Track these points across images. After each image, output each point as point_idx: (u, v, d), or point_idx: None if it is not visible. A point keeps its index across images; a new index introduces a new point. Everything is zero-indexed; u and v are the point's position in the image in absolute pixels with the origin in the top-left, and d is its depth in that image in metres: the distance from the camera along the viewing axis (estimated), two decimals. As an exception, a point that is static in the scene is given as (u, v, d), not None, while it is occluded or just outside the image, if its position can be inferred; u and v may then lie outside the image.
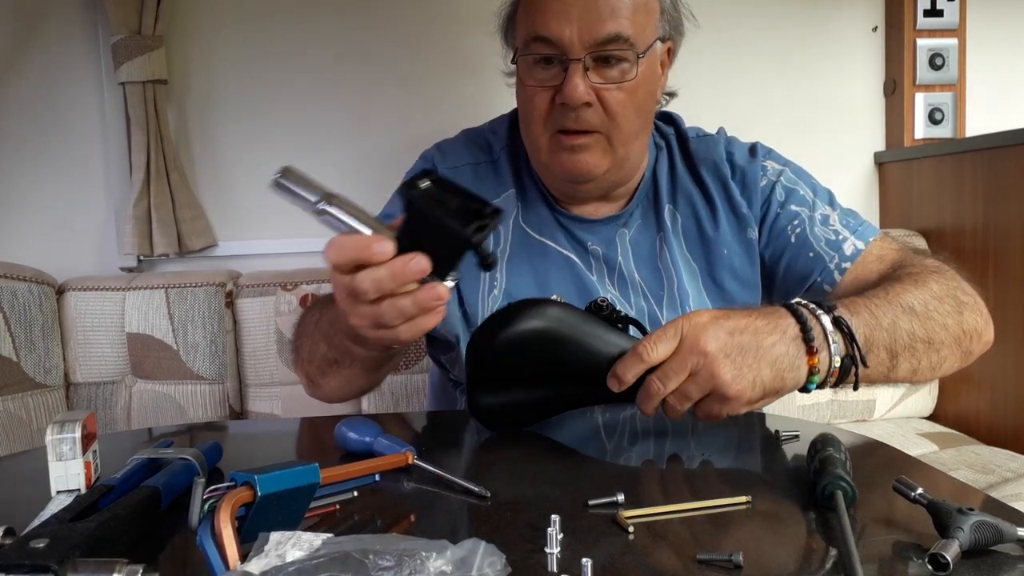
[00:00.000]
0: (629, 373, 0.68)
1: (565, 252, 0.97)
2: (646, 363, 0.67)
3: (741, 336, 0.67)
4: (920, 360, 0.78)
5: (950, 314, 0.81)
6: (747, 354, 0.66)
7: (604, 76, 0.87)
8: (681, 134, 1.03)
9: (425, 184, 0.61)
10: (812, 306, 0.71)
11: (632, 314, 0.73)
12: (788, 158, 1.04)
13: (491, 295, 0.95)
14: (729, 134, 1.06)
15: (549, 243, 0.97)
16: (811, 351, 0.68)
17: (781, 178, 0.99)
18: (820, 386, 0.70)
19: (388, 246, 0.61)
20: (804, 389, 0.70)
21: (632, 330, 0.76)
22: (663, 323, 0.92)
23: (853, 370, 0.70)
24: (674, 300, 0.95)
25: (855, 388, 0.73)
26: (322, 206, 0.62)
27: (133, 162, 1.54)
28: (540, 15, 0.86)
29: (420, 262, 0.61)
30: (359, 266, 0.62)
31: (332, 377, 0.87)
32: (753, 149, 1.02)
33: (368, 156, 1.67)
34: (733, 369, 0.66)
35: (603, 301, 0.73)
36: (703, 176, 0.99)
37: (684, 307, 0.95)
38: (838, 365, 0.69)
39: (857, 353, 0.70)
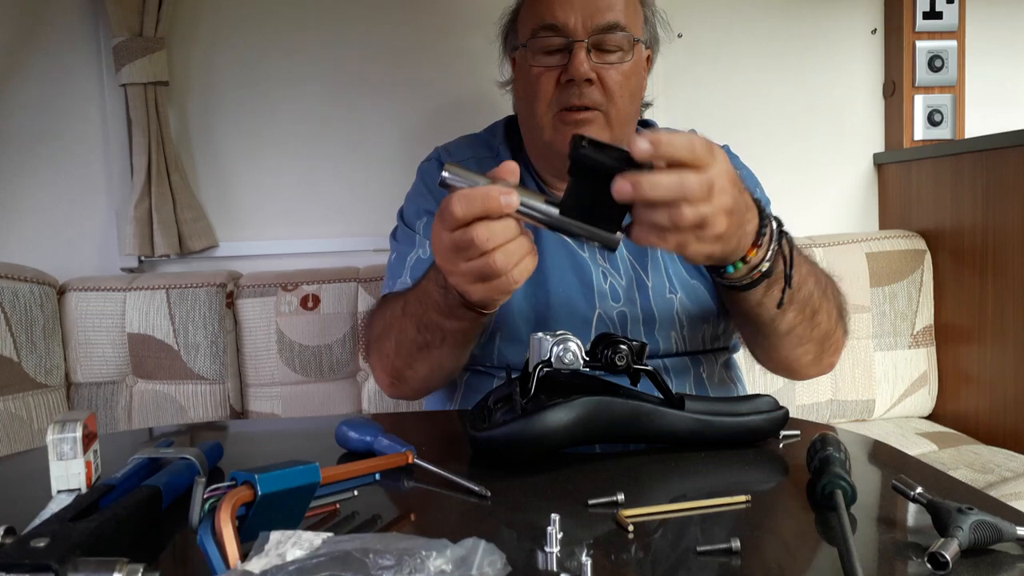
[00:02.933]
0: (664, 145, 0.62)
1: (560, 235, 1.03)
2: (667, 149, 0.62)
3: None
4: (798, 324, 0.86)
5: (834, 310, 0.92)
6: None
7: (604, 59, 0.98)
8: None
9: (587, 142, 0.62)
10: (775, 219, 0.75)
11: (635, 344, 0.73)
12: (747, 165, 1.13)
13: None
14: (699, 133, 1.14)
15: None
16: (755, 244, 0.73)
17: None
18: (733, 277, 0.74)
19: (514, 198, 0.64)
20: (721, 271, 0.74)
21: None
22: (649, 284, 1.01)
23: (766, 282, 0.76)
24: (657, 262, 1.04)
25: (779, 305, 0.78)
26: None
27: (134, 163, 1.54)
28: (547, 6, 0.98)
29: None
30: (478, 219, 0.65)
31: (422, 363, 0.91)
32: None
33: (369, 157, 1.67)
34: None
35: (622, 342, 0.71)
36: None
37: (667, 267, 1.03)
38: (764, 269, 0.75)
39: (788, 270, 0.76)
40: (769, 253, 0.73)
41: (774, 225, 0.73)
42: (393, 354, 0.93)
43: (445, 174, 0.66)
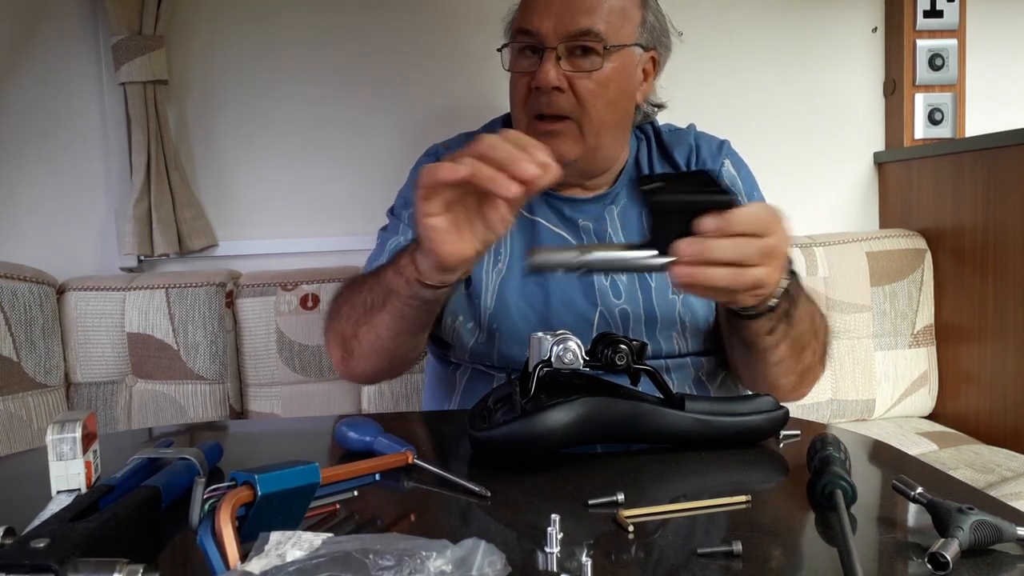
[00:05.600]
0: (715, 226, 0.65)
1: (556, 230, 1.05)
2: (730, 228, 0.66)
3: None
4: (787, 357, 0.88)
5: (820, 348, 0.94)
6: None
7: (576, 66, 0.97)
8: (656, 130, 1.15)
9: (656, 185, 0.65)
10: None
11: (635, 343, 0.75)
12: (747, 164, 1.13)
13: (496, 268, 1.02)
14: (699, 129, 1.16)
15: (540, 221, 1.04)
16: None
17: (728, 182, 1.10)
18: (751, 313, 0.78)
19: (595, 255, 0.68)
20: (736, 310, 0.78)
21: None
22: (652, 285, 1.02)
23: (770, 315, 0.79)
24: None
25: (769, 333, 0.83)
26: (583, 259, 0.67)
27: (133, 162, 1.53)
28: (524, 12, 0.99)
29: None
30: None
31: (367, 331, 0.89)
32: (720, 146, 1.12)
33: (368, 156, 1.67)
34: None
35: (622, 341, 0.71)
36: (675, 158, 1.10)
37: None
38: (772, 304, 0.77)
39: (792, 308, 0.80)
40: (779, 291, 0.76)
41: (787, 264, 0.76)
42: (345, 319, 0.92)
43: (534, 259, 0.67)
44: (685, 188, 0.67)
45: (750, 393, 0.80)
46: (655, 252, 0.66)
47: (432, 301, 0.82)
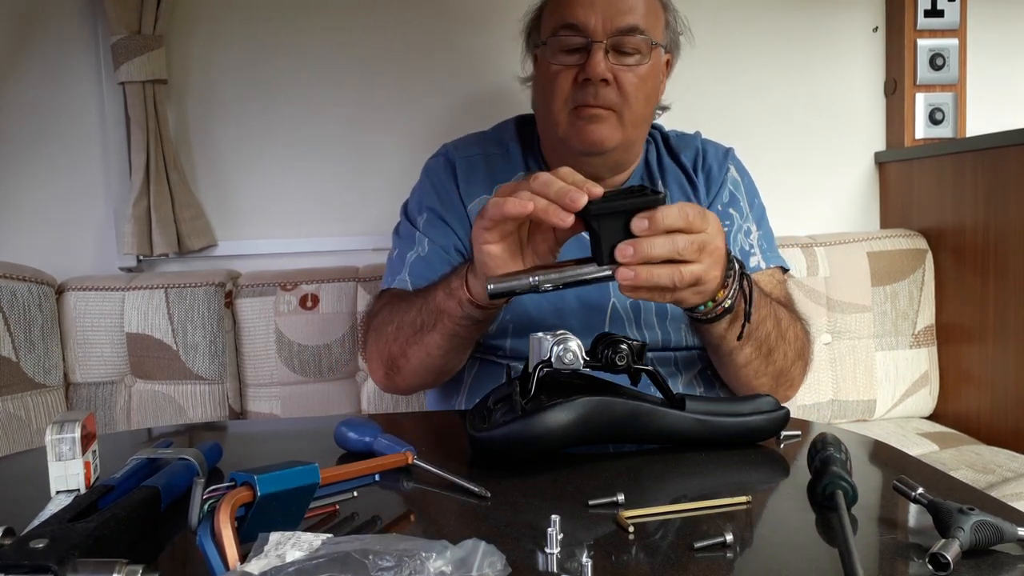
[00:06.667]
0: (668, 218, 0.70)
1: None
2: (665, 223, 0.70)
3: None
4: (754, 359, 0.93)
5: (791, 351, 0.98)
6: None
7: (620, 60, 1.01)
8: (664, 134, 1.19)
9: (596, 203, 0.70)
10: (737, 261, 0.83)
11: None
12: (749, 172, 1.17)
13: None
14: (704, 136, 1.20)
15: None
16: (723, 285, 0.80)
17: (732, 186, 1.14)
18: (701, 313, 0.83)
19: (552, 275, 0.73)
20: (693, 308, 0.82)
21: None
22: None
23: (728, 317, 0.84)
24: None
25: (739, 338, 0.87)
26: (537, 280, 0.71)
27: (133, 162, 1.53)
28: (568, 6, 1.01)
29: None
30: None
31: (416, 350, 0.94)
32: (726, 153, 1.17)
33: (368, 156, 1.66)
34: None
35: (622, 342, 0.71)
36: (683, 160, 1.14)
37: None
38: (727, 306, 0.82)
39: (747, 308, 0.84)
40: (732, 292, 0.81)
41: (737, 267, 0.81)
42: (392, 339, 0.97)
43: (490, 287, 0.71)
44: (617, 197, 0.71)
45: (751, 394, 0.80)
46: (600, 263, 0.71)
47: (482, 321, 0.88)
